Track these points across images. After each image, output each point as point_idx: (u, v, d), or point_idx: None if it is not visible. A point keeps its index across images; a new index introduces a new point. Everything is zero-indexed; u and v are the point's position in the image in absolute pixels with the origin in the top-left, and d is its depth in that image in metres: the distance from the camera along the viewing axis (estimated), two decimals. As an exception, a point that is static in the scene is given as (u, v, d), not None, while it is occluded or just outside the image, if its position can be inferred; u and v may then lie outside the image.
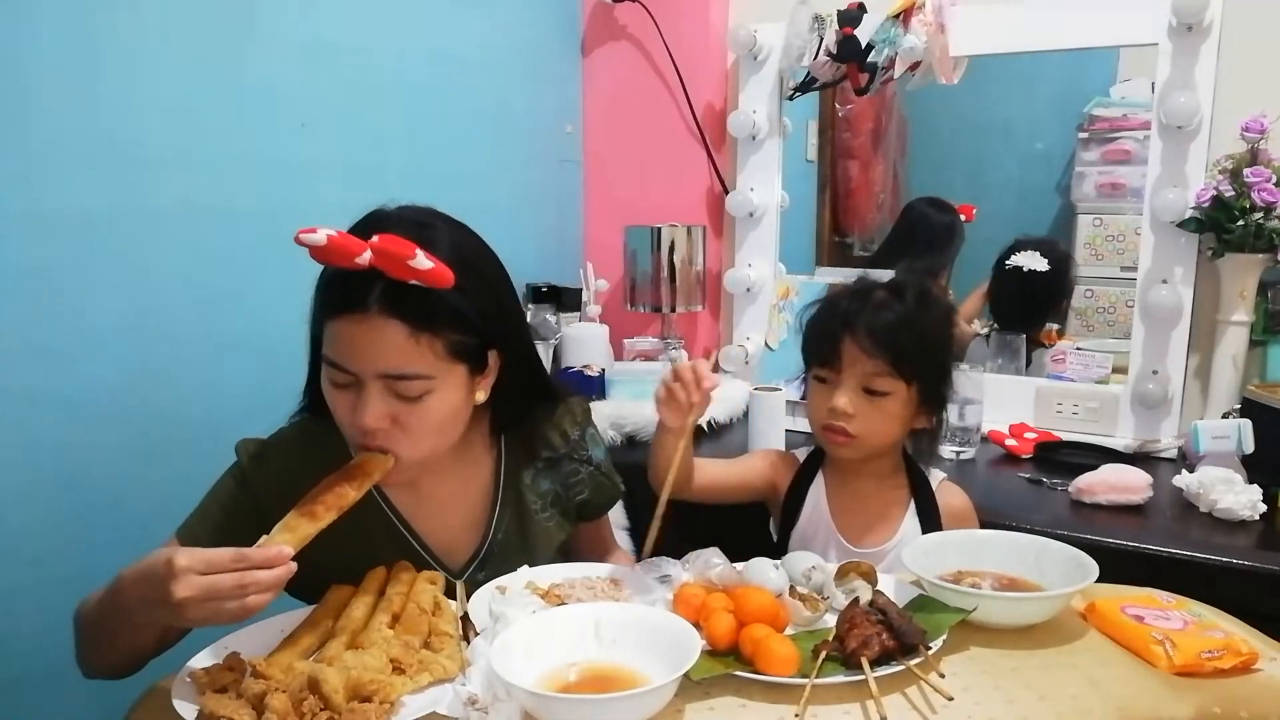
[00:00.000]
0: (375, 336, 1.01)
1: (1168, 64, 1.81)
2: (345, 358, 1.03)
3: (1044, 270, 2.14)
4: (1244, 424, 1.56)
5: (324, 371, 1.06)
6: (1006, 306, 2.22)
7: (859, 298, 1.34)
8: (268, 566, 0.89)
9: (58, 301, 1.34)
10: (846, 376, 1.31)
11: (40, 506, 1.33)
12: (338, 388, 1.06)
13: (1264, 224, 1.68)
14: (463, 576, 1.19)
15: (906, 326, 1.30)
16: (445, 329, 1.04)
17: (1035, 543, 1.18)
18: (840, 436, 1.32)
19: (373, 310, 1.00)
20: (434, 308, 1.02)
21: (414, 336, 1.02)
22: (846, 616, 1.00)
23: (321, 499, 1.00)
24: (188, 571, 0.87)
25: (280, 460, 1.14)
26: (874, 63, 2.01)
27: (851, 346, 1.31)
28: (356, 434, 1.06)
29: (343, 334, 1.02)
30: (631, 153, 2.40)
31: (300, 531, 0.96)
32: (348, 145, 1.76)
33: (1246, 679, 0.97)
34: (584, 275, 2.19)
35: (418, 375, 1.03)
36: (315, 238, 0.95)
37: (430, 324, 1.02)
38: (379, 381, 1.03)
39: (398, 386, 1.03)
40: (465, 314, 1.05)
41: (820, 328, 1.35)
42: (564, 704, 0.88)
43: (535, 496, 1.26)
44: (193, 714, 0.87)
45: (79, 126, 1.35)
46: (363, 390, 1.03)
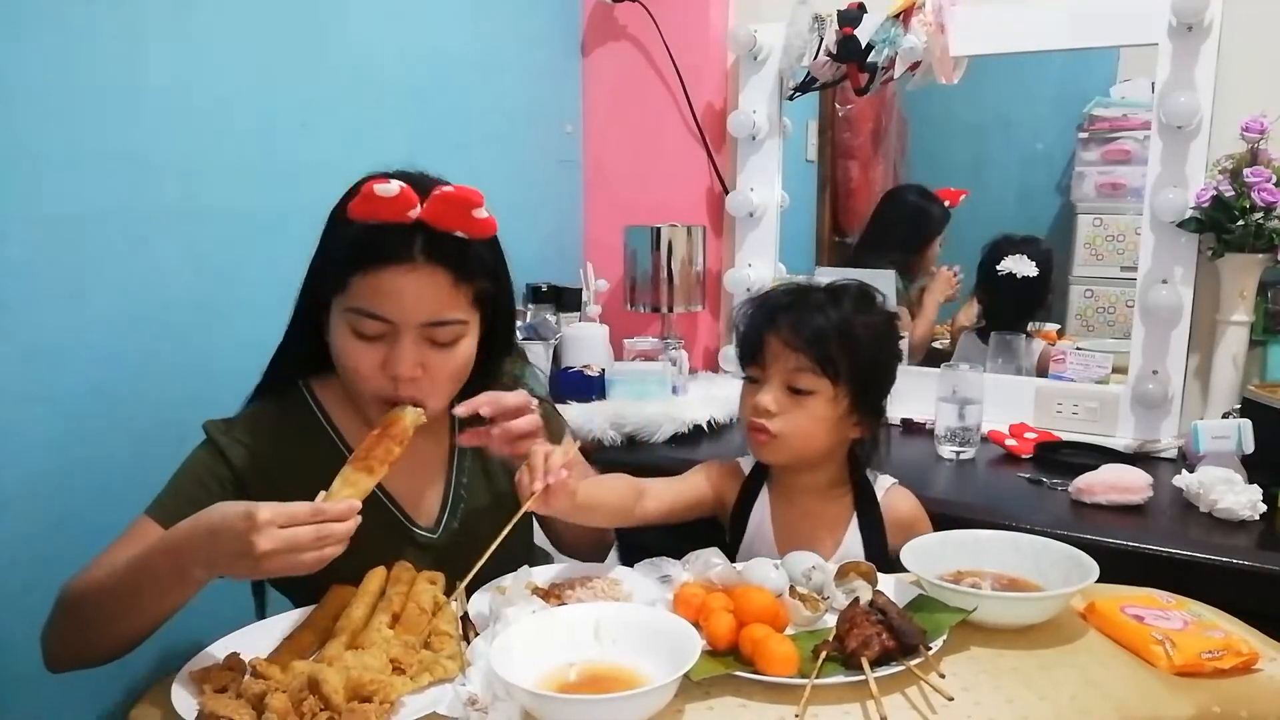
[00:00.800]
0: (424, 285, 1.06)
1: (1168, 64, 1.81)
2: (387, 308, 1.06)
3: (1034, 275, 2.15)
4: (1244, 424, 1.56)
5: (349, 326, 1.08)
6: (999, 310, 2.22)
7: (790, 296, 1.31)
8: (341, 520, 0.94)
9: (57, 301, 1.34)
10: (771, 374, 1.28)
11: (39, 506, 1.33)
12: (365, 340, 1.08)
13: (1264, 224, 1.68)
14: (437, 530, 1.23)
15: (833, 325, 1.27)
16: (478, 277, 1.11)
17: (1035, 543, 1.18)
18: (762, 435, 1.28)
19: (419, 260, 1.05)
20: (471, 257, 1.09)
21: (455, 284, 1.08)
22: (846, 616, 1.00)
23: (374, 454, 1.03)
24: (270, 525, 0.90)
25: (249, 432, 1.17)
26: (874, 63, 2.01)
27: (775, 342, 1.28)
28: (387, 385, 1.09)
29: (385, 285, 1.05)
30: (631, 153, 2.40)
31: (360, 485, 1.00)
32: (348, 145, 1.76)
33: (1246, 679, 0.97)
34: (584, 275, 2.19)
35: (455, 320, 1.10)
36: (389, 188, 1.01)
37: (468, 272, 1.09)
38: (416, 330, 1.08)
39: (435, 333, 1.09)
40: (489, 263, 1.13)
41: (746, 325, 1.33)
42: (564, 704, 0.89)
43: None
44: (193, 714, 0.87)
45: (79, 127, 1.35)
46: (398, 340, 1.07)
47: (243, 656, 0.96)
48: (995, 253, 2.20)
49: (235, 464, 1.15)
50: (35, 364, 1.32)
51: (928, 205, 2.36)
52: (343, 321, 1.09)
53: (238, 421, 1.19)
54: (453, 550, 1.20)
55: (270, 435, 1.17)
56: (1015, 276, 2.16)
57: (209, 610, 1.08)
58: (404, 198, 1.02)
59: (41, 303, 1.32)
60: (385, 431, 1.07)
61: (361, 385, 1.12)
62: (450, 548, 1.21)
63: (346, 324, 1.09)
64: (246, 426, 1.18)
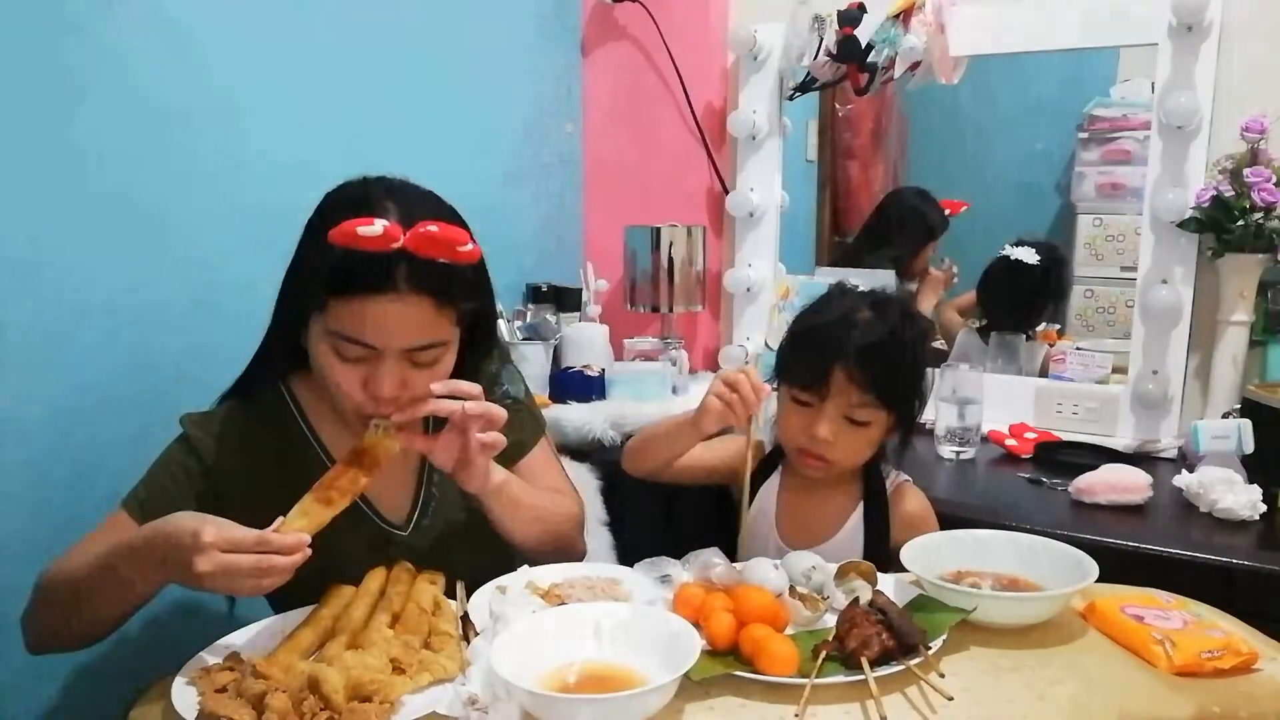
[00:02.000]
0: (407, 314, 1.04)
1: (1168, 64, 1.81)
2: (369, 335, 1.04)
3: (1033, 263, 2.14)
4: (1244, 424, 1.56)
5: (330, 346, 1.07)
6: (995, 299, 2.22)
7: (846, 322, 1.28)
8: (286, 553, 0.93)
9: (57, 302, 1.34)
10: (830, 405, 1.27)
11: (39, 506, 1.33)
12: (347, 362, 1.07)
13: (1264, 224, 1.68)
14: (409, 528, 1.22)
15: (893, 356, 1.27)
16: (461, 298, 1.09)
17: (1035, 543, 1.18)
18: (818, 462, 1.30)
19: (403, 289, 1.02)
20: (454, 280, 1.06)
21: (439, 309, 1.06)
22: (846, 616, 1.00)
23: (336, 485, 1.02)
24: (211, 547, 0.90)
25: (223, 427, 1.18)
26: (874, 63, 2.01)
27: (841, 376, 1.26)
28: (368, 404, 1.08)
29: (367, 312, 1.03)
30: (631, 153, 2.40)
31: (316, 517, 0.99)
32: (348, 145, 1.76)
33: (1246, 679, 0.97)
34: (584, 275, 2.19)
35: (438, 343, 1.08)
36: (373, 229, 0.98)
37: (450, 296, 1.07)
38: (397, 353, 1.06)
39: (417, 356, 1.08)
40: (473, 282, 1.11)
41: (808, 352, 1.30)
42: (564, 704, 0.88)
43: None
44: (193, 714, 0.87)
45: (79, 127, 1.35)
46: (380, 362, 1.06)
47: (243, 656, 0.96)
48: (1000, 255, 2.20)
49: (205, 458, 1.16)
50: (34, 364, 1.32)
51: (928, 210, 2.36)
52: (324, 342, 1.07)
53: (213, 415, 1.20)
54: (425, 549, 1.20)
55: (245, 431, 1.18)
56: (1020, 264, 2.15)
57: (209, 610, 1.09)
58: (387, 236, 0.99)
59: (41, 303, 1.32)
60: (355, 459, 1.05)
61: (344, 401, 1.11)
62: (422, 546, 1.21)
63: (327, 344, 1.07)
64: (221, 421, 1.18)
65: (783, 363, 1.36)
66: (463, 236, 1.03)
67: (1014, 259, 2.15)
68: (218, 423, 1.19)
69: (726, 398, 1.24)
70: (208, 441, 1.17)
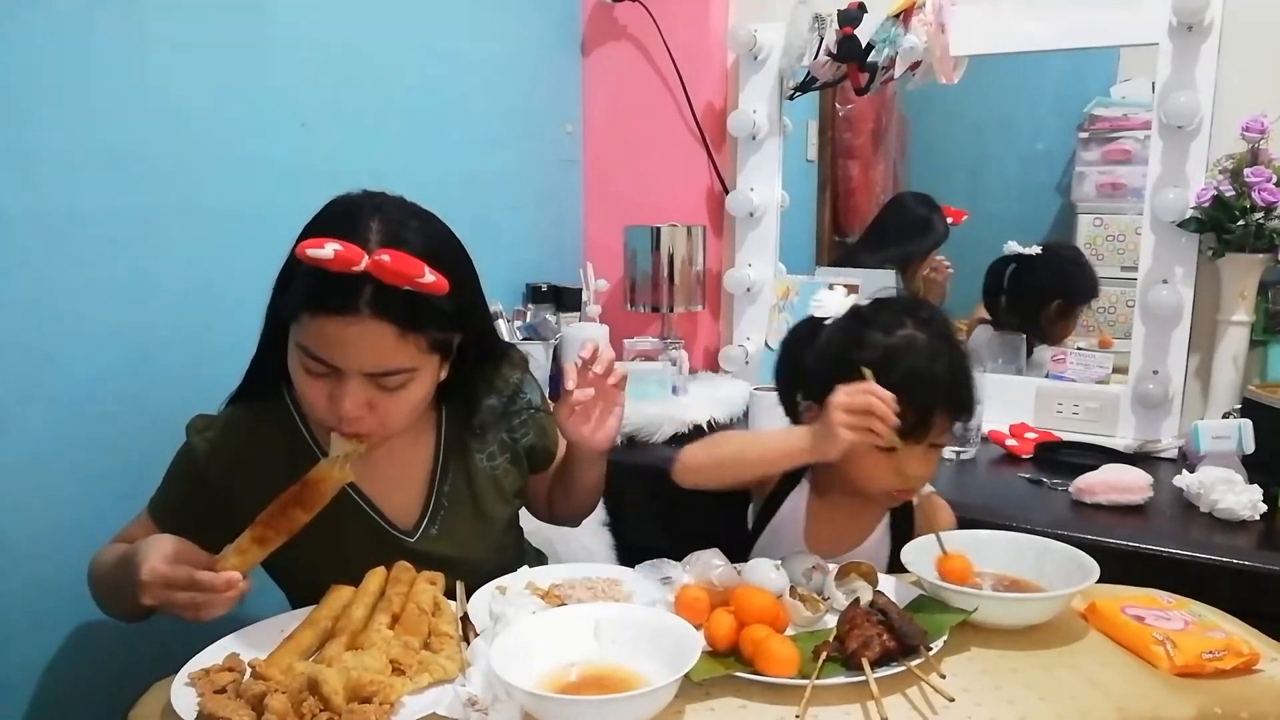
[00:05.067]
0: (366, 337, 1.02)
1: (1168, 64, 1.81)
2: (331, 354, 1.04)
3: (1033, 255, 2.14)
4: (1244, 424, 1.56)
5: (299, 359, 1.07)
6: (996, 294, 2.22)
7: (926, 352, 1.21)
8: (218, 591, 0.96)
9: (57, 302, 1.34)
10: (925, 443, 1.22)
11: (39, 507, 1.33)
12: (313, 376, 1.07)
13: (1264, 224, 1.68)
14: (416, 535, 1.21)
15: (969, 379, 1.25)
16: (431, 327, 1.07)
17: (1035, 543, 1.18)
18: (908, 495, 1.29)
19: (364, 313, 1.01)
20: (420, 309, 1.04)
21: (402, 335, 1.04)
22: (847, 617, 1.00)
23: (273, 524, 1.01)
24: (151, 584, 0.97)
25: (223, 432, 1.19)
26: (874, 62, 2.01)
27: (943, 415, 1.23)
28: (331, 420, 1.08)
29: (329, 332, 1.02)
30: (631, 153, 2.40)
31: (249, 555, 1.00)
32: (348, 145, 1.76)
33: (1247, 679, 0.97)
34: (584, 275, 2.19)
35: (401, 369, 1.06)
36: (323, 253, 0.97)
37: (417, 324, 1.04)
38: (360, 375, 1.05)
39: (381, 380, 1.06)
40: (447, 312, 1.07)
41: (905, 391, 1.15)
42: (564, 705, 0.88)
43: (479, 447, 1.27)
44: (192, 714, 0.87)
45: (78, 127, 1.35)
46: (343, 381, 1.05)
47: (243, 656, 0.96)
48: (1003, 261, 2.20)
49: (210, 462, 1.17)
50: (34, 364, 1.32)
51: (932, 218, 2.35)
52: (294, 351, 1.08)
53: (218, 419, 1.21)
54: (429, 557, 1.19)
55: (245, 436, 1.18)
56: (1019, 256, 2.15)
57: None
58: (340, 259, 0.98)
59: (41, 303, 1.32)
60: (295, 498, 1.02)
61: (311, 413, 1.12)
62: (427, 554, 1.19)
63: (297, 355, 1.08)
64: (225, 425, 1.20)
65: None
66: (418, 268, 1.00)
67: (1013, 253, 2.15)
68: (221, 427, 1.19)
69: (863, 424, 1.12)
70: (204, 447, 1.18)
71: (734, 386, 2.14)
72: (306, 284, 1.02)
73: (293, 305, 1.05)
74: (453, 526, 1.23)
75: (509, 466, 1.30)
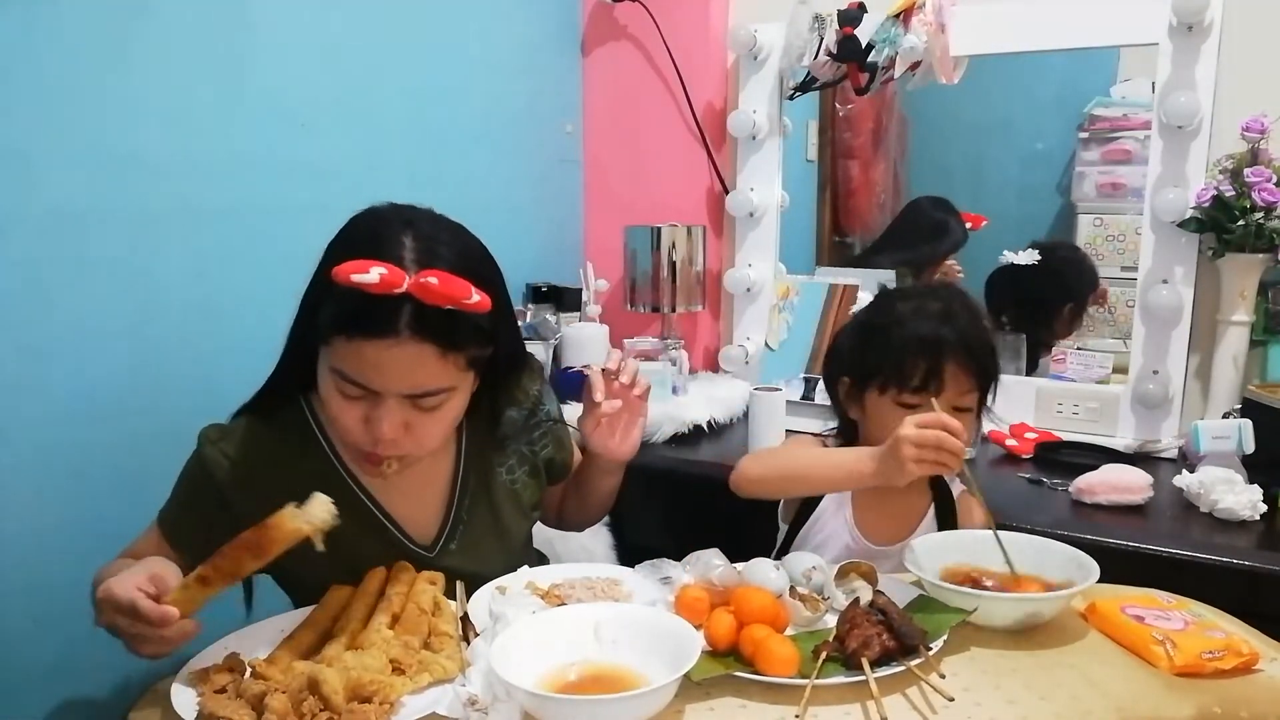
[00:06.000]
0: (406, 359, 1.01)
1: (1168, 64, 1.81)
2: (369, 378, 1.02)
3: (1032, 264, 2.13)
4: (1244, 424, 1.56)
5: (333, 383, 1.05)
6: (998, 301, 2.21)
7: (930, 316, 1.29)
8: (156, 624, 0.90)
9: (56, 302, 1.34)
10: (942, 401, 1.25)
11: (38, 507, 1.33)
12: (348, 399, 1.05)
13: (1264, 224, 1.68)
14: (435, 550, 1.20)
15: (983, 335, 1.31)
16: (469, 345, 1.05)
17: (1035, 543, 1.18)
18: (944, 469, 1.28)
19: (404, 335, 0.99)
20: (460, 327, 1.02)
21: (443, 356, 1.02)
22: (847, 617, 1.00)
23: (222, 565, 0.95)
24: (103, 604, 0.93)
25: (240, 443, 1.15)
26: (874, 62, 2.01)
27: (953, 368, 1.27)
28: (367, 443, 1.07)
29: (368, 355, 1.00)
30: (631, 153, 2.40)
31: (190, 593, 0.93)
32: (348, 145, 1.76)
33: (1247, 679, 0.97)
34: (584, 275, 2.19)
35: (441, 389, 1.05)
36: (368, 278, 0.94)
37: (457, 343, 1.03)
38: (400, 397, 1.04)
39: (419, 401, 1.05)
40: (485, 329, 1.06)
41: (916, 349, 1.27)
42: (564, 704, 0.88)
43: (500, 460, 1.26)
44: (192, 714, 0.87)
45: (78, 127, 1.35)
46: (380, 404, 1.04)
47: (242, 656, 0.96)
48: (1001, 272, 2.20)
49: (220, 473, 1.14)
50: (35, 364, 1.32)
51: (949, 222, 2.33)
52: (328, 375, 1.05)
53: (231, 430, 1.17)
54: (448, 573, 1.16)
55: (263, 447, 1.15)
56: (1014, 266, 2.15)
57: (208, 610, 1.08)
58: (384, 284, 0.96)
59: (41, 303, 1.32)
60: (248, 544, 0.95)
61: (344, 437, 1.10)
62: (447, 569, 1.17)
63: (331, 379, 1.05)
64: (239, 437, 1.16)
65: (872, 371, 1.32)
66: (465, 290, 0.98)
67: (1010, 264, 2.15)
68: (235, 438, 1.16)
69: (932, 458, 1.13)
70: (219, 459, 1.14)
71: (734, 386, 2.14)
72: (341, 306, 1.00)
73: (326, 329, 1.02)
74: (472, 542, 1.22)
75: (528, 480, 1.29)
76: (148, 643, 0.92)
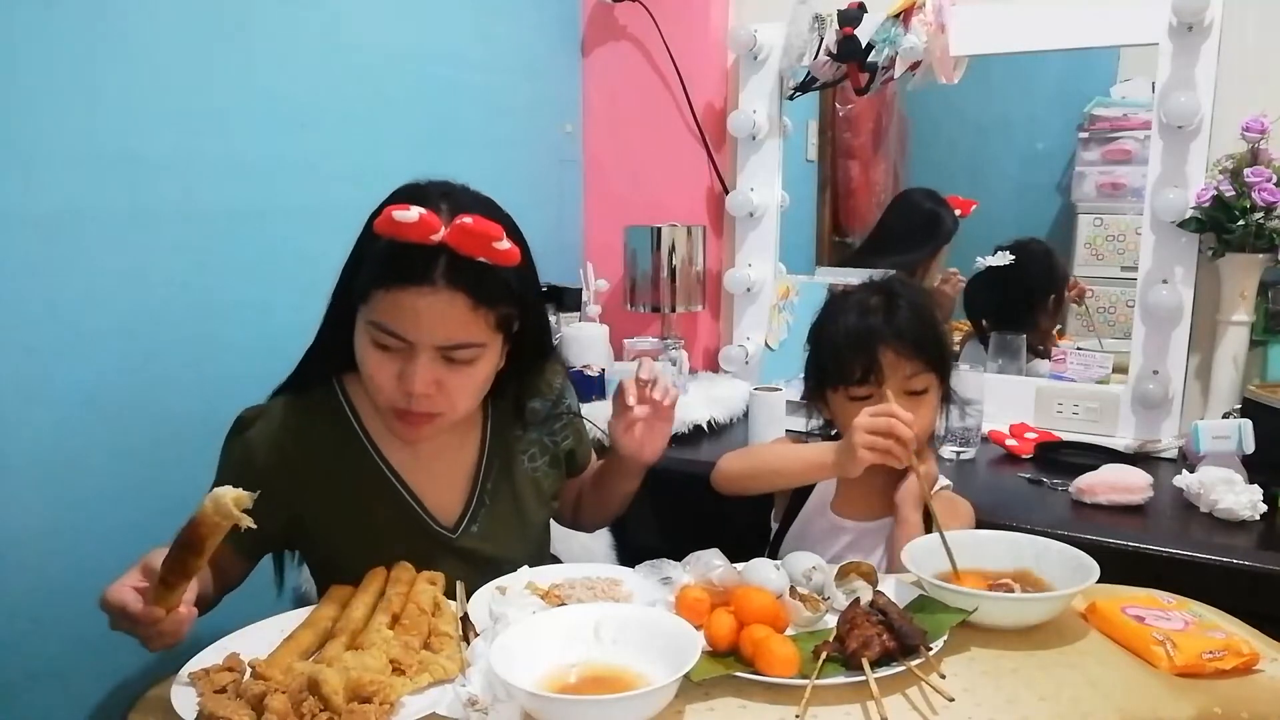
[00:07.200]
0: (441, 308, 1.06)
1: (1168, 64, 1.81)
2: (404, 327, 1.07)
3: (1005, 265, 2.14)
4: (1244, 424, 1.56)
5: (369, 337, 1.10)
6: (977, 302, 2.23)
7: (868, 309, 1.35)
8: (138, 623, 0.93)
9: (56, 302, 1.34)
10: (889, 388, 1.30)
11: (38, 507, 1.33)
12: (382, 351, 1.09)
13: (1264, 224, 1.68)
14: (457, 531, 1.23)
15: (920, 316, 1.34)
16: (500, 302, 1.10)
17: (1036, 543, 1.18)
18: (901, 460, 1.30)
19: (439, 284, 1.05)
20: (492, 282, 1.08)
21: (474, 308, 1.08)
22: (847, 617, 1.00)
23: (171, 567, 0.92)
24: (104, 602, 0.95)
25: (276, 423, 1.19)
26: (874, 62, 2.01)
27: (889, 355, 1.32)
28: (400, 398, 1.10)
29: (404, 303, 1.05)
30: (631, 153, 2.40)
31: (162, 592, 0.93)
32: (348, 145, 1.76)
33: (1247, 680, 0.97)
34: (584, 275, 2.19)
35: (472, 344, 1.10)
36: (408, 215, 1.01)
37: (488, 297, 1.08)
38: (433, 350, 1.08)
39: (451, 354, 1.09)
40: (514, 289, 1.12)
41: (850, 349, 1.34)
42: (564, 705, 0.88)
43: (523, 448, 1.31)
44: (192, 715, 0.87)
45: (78, 127, 1.35)
46: (414, 357, 1.08)
47: (242, 656, 0.96)
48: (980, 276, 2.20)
49: (257, 452, 1.17)
50: (35, 364, 1.31)
51: (940, 211, 2.33)
52: (364, 332, 1.11)
53: (268, 409, 1.21)
54: (469, 553, 1.22)
55: (297, 427, 1.18)
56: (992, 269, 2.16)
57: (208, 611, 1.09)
58: (423, 224, 1.02)
59: (41, 303, 1.32)
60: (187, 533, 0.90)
61: (377, 396, 1.13)
62: (467, 551, 1.22)
63: (368, 335, 1.10)
64: (274, 415, 1.20)
65: (823, 373, 1.40)
66: (497, 231, 1.04)
67: (987, 266, 2.16)
68: (270, 417, 1.19)
69: (882, 446, 1.21)
70: (263, 435, 1.18)
71: (734, 386, 2.14)
72: (381, 259, 1.06)
73: (366, 283, 1.08)
74: (493, 525, 1.25)
75: (548, 469, 1.33)
76: (151, 639, 0.95)
